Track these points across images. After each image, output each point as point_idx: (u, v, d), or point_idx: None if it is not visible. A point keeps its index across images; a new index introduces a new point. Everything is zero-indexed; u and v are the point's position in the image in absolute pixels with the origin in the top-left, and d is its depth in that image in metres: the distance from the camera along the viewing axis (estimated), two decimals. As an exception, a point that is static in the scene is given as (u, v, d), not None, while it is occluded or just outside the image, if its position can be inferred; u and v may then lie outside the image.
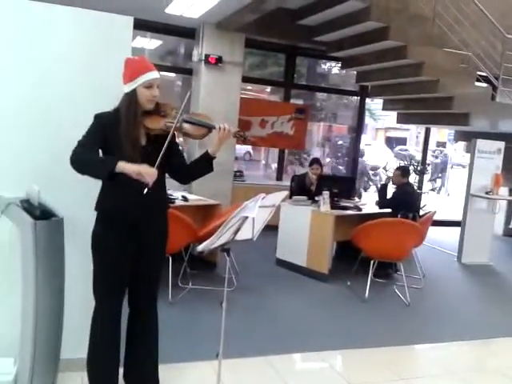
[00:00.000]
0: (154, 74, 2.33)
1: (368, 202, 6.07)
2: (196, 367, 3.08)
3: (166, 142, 2.30)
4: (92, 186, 2.38)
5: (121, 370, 2.58)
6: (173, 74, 8.22)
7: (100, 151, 2.34)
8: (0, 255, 2.51)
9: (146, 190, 2.20)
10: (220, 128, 2.39)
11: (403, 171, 5.67)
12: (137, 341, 2.58)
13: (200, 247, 2.18)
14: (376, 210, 5.59)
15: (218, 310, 2.45)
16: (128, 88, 2.32)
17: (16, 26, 2.58)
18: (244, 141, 2.58)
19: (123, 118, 2.30)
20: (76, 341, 2.54)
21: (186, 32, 6.97)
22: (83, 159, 2.24)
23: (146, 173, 2.18)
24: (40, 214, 2.39)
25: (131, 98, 2.31)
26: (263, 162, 9.81)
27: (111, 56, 2.66)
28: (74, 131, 2.30)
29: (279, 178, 8.35)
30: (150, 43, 7.65)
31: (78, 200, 2.58)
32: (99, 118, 2.34)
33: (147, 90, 2.32)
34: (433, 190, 8.28)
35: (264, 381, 3.06)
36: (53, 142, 2.62)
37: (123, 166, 2.17)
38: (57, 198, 2.52)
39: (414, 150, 19.65)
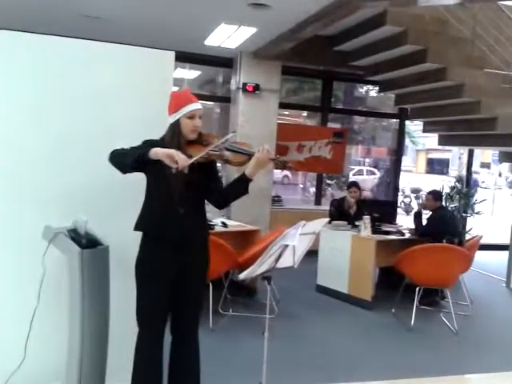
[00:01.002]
0: (196, 105, 2.42)
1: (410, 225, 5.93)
2: (238, 396, 3.05)
3: (201, 153, 2.33)
4: (135, 215, 2.45)
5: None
6: (211, 102, 8.40)
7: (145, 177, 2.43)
8: (48, 283, 2.58)
9: (174, 170, 2.23)
10: (259, 150, 2.41)
11: (435, 195, 5.54)
12: (179, 367, 2.59)
13: (242, 275, 2.19)
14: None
15: (260, 338, 2.44)
16: (172, 119, 2.42)
17: (62, 62, 2.72)
18: (284, 167, 2.52)
19: (167, 145, 2.38)
20: (120, 368, 2.58)
21: (224, 62, 7.14)
22: (120, 152, 2.40)
23: (178, 156, 2.23)
24: (86, 242, 2.47)
25: (175, 127, 2.41)
26: (301, 185, 9.78)
27: (155, 89, 2.77)
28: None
29: (318, 202, 8.30)
30: (190, 73, 7.86)
31: (123, 229, 2.64)
32: (145, 143, 2.44)
33: (190, 121, 2.40)
34: (477, 213, 8.00)
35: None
36: (98, 173, 2.72)
37: (156, 151, 2.27)
38: (103, 227, 2.59)
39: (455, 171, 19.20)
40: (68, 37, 2.77)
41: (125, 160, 2.35)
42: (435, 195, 5.54)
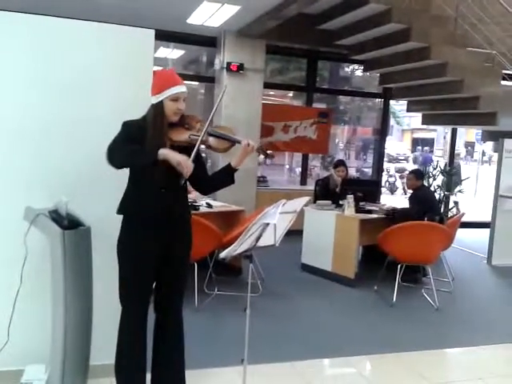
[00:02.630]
0: (182, 88, 2.38)
1: (394, 204, 5.99)
2: (222, 373, 3.10)
3: (195, 150, 2.34)
4: (117, 196, 2.44)
5: (148, 376, 2.62)
6: (196, 83, 8.32)
7: None
8: (30, 264, 2.58)
9: (183, 181, 2.28)
10: (245, 144, 2.43)
11: (417, 174, 5.60)
12: (163, 346, 2.61)
13: (222, 254, 2.21)
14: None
15: (244, 316, 2.47)
16: (155, 99, 2.38)
17: (39, 42, 2.67)
18: (266, 156, 2.57)
19: (149, 128, 2.36)
20: (105, 347, 2.60)
21: (208, 41, 7.06)
22: (122, 151, 2.31)
23: (186, 164, 2.24)
24: (68, 223, 2.47)
25: (158, 109, 2.37)
26: (287, 166, 9.80)
27: (134, 68, 2.73)
28: (100, 144, 2.36)
29: (303, 182, 8.34)
30: (173, 53, 7.77)
31: (104, 210, 2.64)
32: (127, 126, 2.40)
33: (173, 103, 2.37)
34: (460, 191, 8.11)
35: (290, 386, 3.06)
36: (79, 154, 2.70)
37: (166, 153, 2.24)
38: (83, 208, 2.59)
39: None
40: (44, 15, 2.70)
41: (130, 161, 2.32)
42: (417, 174, 5.60)
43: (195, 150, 2.34)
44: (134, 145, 2.32)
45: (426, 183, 6.75)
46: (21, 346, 2.65)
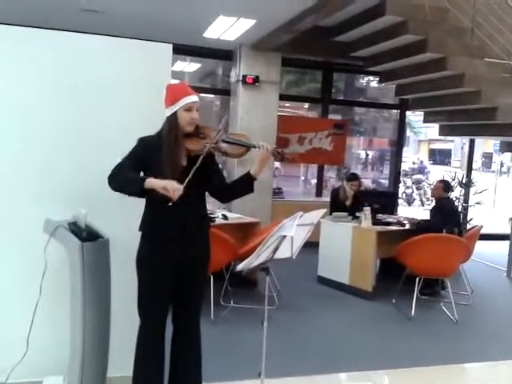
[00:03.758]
0: (194, 98, 2.42)
1: (411, 216, 5.93)
2: (239, 387, 3.08)
3: (199, 159, 2.36)
4: (135, 208, 2.47)
5: (165, 389, 2.62)
6: (212, 95, 8.39)
7: (141, 173, 2.43)
8: (49, 276, 2.61)
9: (170, 203, 2.27)
10: (260, 147, 2.43)
11: (446, 185, 5.53)
12: (180, 359, 2.61)
13: (239, 267, 2.20)
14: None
15: (260, 328, 2.46)
16: (169, 112, 2.42)
17: (59, 56, 2.73)
18: (282, 159, 2.52)
19: (165, 140, 2.39)
20: (122, 359, 2.60)
21: (224, 54, 7.12)
22: (118, 177, 2.37)
23: (172, 187, 2.25)
24: (87, 235, 2.49)
25: (172, 120, 2.41)
26: (302, 178, 9.79)
27: (153, 82, 2.77)
28: (118, 156, 2.40)
29: (319, 194, 8.31)
30: (190, 66, 7.85)
31: (123, 222, 2.67)
32: (141, 142, 2.44)
33: (187, 113, 2.40)
34: (478, 203, 7.99)
35: (308, 401, 3.03)
36: (98, 167, 2.72)
37: (151, 182, 2.28)
38: (102, 220, 2.61)
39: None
40: (65, 30, 2.76)
41: (122, 190, 2.36)
42: (446, 185, 5.52)
43: (201, 158, 2.35)
44: (139, 166, 2.39)
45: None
46: (39, 357, 2.67)
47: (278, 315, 4.22)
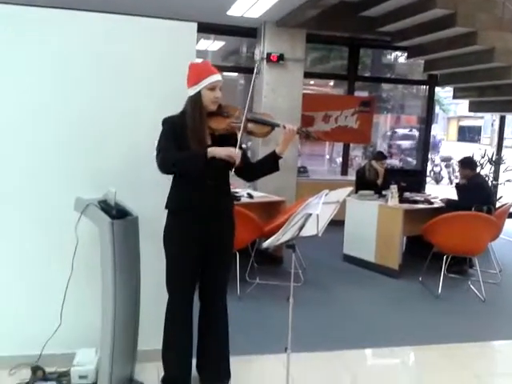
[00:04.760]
0: (217, 77, 2.43)
1: (440, 195, 5.85)
2: (265, 360, 3.15)
3: (239, 136, 2.39)
4: (163, 186, 2.52)
5: (194, 361, 2.69)
6: (235, 74, 8.35)
7: None
8: (81, 253, 2.69)
9: (233, 171, 2.36)
10: (285, 127, 2.43)
11: (468, 163, 5.39)
12: (208, 333, 2.68)
13: (265, 244, 2.23)
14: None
15: (286, 305, 2.49)
16: (192, 91, 2.43)
17: (87, 38, 2.76)
18: (307, 137, 2.52)
19: (189, 119, 2.41)
20: (152, 333, 2.68)
21: (248, 32, 7.06)
22: (172, 159, 2.37)
23: (235, 153, 2.32)
24: (116, 213, 2.55)
25: (196, 100, 2.42)
26: (327, 156, 9.72)
27: (178, 62, 2.78)
28: (146, 135, 2.44)
29: (344, 172, 8.25)
30: (213, 45, 7.81)
31: (151, 200, 2.72)
32: (168, 123, 2.46)
33: (211, 92, 2.41)
34: (508, 180, 7.81)
35: (333, 375, 3.07)
36: (127, 146, 2.79)
37: (213, 151, 2.33)
38: (131, 198, 2.67)
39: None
40: (87, 10, 2.78)
41: (183, 169, 2.37)
42: (468, 163, 5.39)
43: (240, 135, 2.38)
44: (177, 143, 2.38)
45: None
46: (72, 330, 2.77)
47: (303, 292, 4.25)
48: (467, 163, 5.41)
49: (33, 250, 2.79)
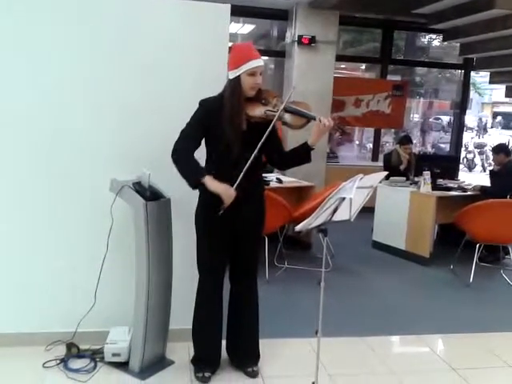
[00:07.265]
0: (258, 62, 2.37)
1: (473, 182, 5.72)
2: (295, 343, 3.15)
3: (267, 132, 2.36)
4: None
5: (223, 343, 2.73)
6: (266, 57, 8.27)
7: (203, 139, 2.47)
8: (115, 233, 2.74)
9: (221, 212, 2.36)
10: (321, 121, 2.40)
11: (501, 150, 5.26)
12: (238, 315, 2.70)
13: (298, 227, 2.22)
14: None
15: (314, 289, 2.49)
16: (232, 75, 2.39)
17: (123, 20, 2.77)
18: (342, 133, 2.55)
19: (227, 103, 2.39)
20: (183, 313, 2.73)
21: (279, 14, 6.97)
22: (180, 160, 2.38)
23: (225, 194, 2.33)
24: (150, 194, 2.59)
25: (235, 84, 2.39)
26: (357, 142, 9.60)
27: (211, 45, 2.77)
28: (180, 118, 2.44)
29: (375, 158, 8.14)
30: (243, 28, 7.75)
31: (183, 182, 2.73)
32: (204, 105, 2.45)
33: (250, 78, 2.37)
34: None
35: (362, 361, 3.06)
36: (161, 129, 2.80)
37: (210, 185, 2.34)
38: (164, 180, 2.69)
39: None
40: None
41: (180, 173, 2.39)
42: (501, 150, 5.27)
43: (268, 129, 2.34)
44: (202, 131, 2.42)
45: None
46: (106, 309, 2.84)
47: (332, 277, 4.23)
48: (501, 149, 5.31)
49: (70, 230, 2.86)
